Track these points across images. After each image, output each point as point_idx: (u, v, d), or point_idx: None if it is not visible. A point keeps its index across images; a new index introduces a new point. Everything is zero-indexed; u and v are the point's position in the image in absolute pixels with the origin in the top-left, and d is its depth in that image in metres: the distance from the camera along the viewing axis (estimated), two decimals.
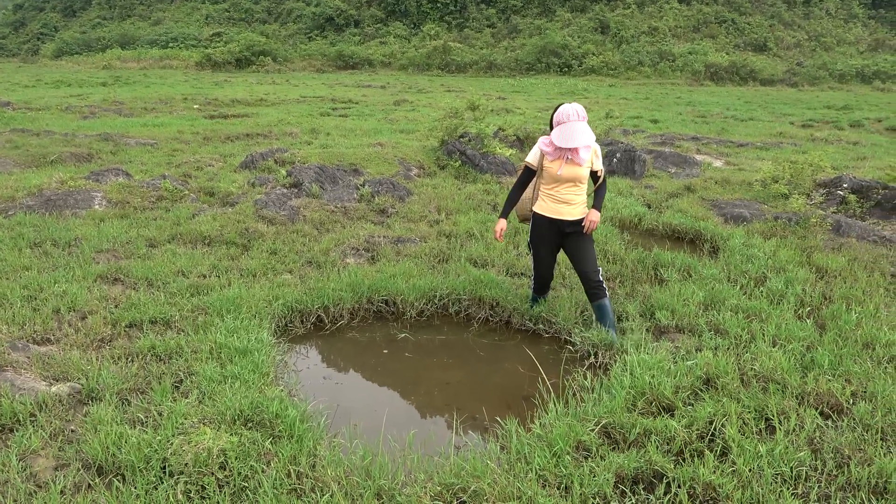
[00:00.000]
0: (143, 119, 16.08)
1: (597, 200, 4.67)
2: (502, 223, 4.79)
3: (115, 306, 4.78)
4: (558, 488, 2.89)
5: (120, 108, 18.23)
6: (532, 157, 4.66)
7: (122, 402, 3.52)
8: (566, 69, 41.27)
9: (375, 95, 25.40)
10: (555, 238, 4.70)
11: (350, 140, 12.74)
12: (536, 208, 4.71)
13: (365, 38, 48.81)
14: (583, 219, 4.59)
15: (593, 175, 4.64)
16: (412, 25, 49.54)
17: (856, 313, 4.76)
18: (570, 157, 4.43)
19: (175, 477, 2.86)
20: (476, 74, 41.76)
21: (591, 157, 4.53)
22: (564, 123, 4.34)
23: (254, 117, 16.97)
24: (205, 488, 2.83)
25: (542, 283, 4.96)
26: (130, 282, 5.30)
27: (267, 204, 7.43)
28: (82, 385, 3.65)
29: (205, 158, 10.52)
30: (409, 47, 46.19)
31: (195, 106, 19.60)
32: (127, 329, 4.45)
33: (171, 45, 49.83)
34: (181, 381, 3.77)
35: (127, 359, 4.02)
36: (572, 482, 2.87)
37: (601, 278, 4.55)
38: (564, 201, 4.57)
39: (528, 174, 4.73)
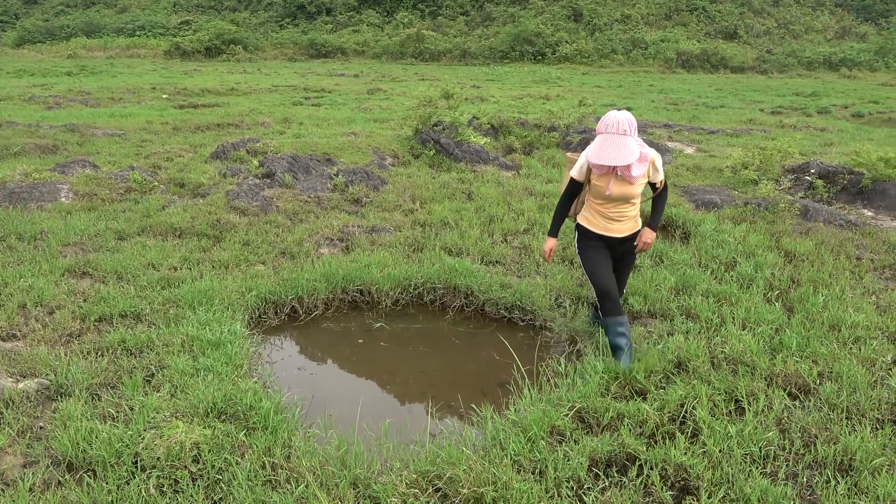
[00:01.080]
0: (111, 109, 15.73)
1: (653, 216, 4.06)
2: (552, 242, 4.17)
3: (84, 300, 4.70)
4: (533, 473, 2.92)
5: (86, 99, 17.80)
6: (577, 171, 3.99)
7: (92, 398, 3.47)
8: (540, 57, 41.26)
9: (349, 84, 25.17)
10: (605, 245, 4.07)
11: (323, 129, 12.62)
12: (581, 220, 4.12)
13: (337, 26, 48.24)
14: (633, 235, 4.06)
15: (651, 184, 4.02)
16: (385, 13, 49.07)
17: (822, 296, 4.87)
18: (621, 173, 3.79)
19: (147, 471, 2.83)
20: (450, 63, 41.56)
21: (649, 171, 3.86)
22: (602, 135, 3.66)
23: (225, 107, 16.70)
24: (178, 482, 2.80)
25: (605, 293, 3.91)
26: (99, 275, 5.20)
27: (239, 195, 7.34)
28: (50, 381, 3.59)
29: (174, 149, 10.35)
30: (382, 35, 45.76)
31: (164, 95, 19.22)
32: (96, 323, 4.38)
33: (138, 33, 48.69)
34: (152, 374, 3.72)
35: (96, 353, 3.95)
36: (547, 467, 2.90)
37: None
38: (613, 219, 3.97)
39: (575, 186, 4.08)
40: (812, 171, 8.61)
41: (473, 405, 3.58)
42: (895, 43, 40.41)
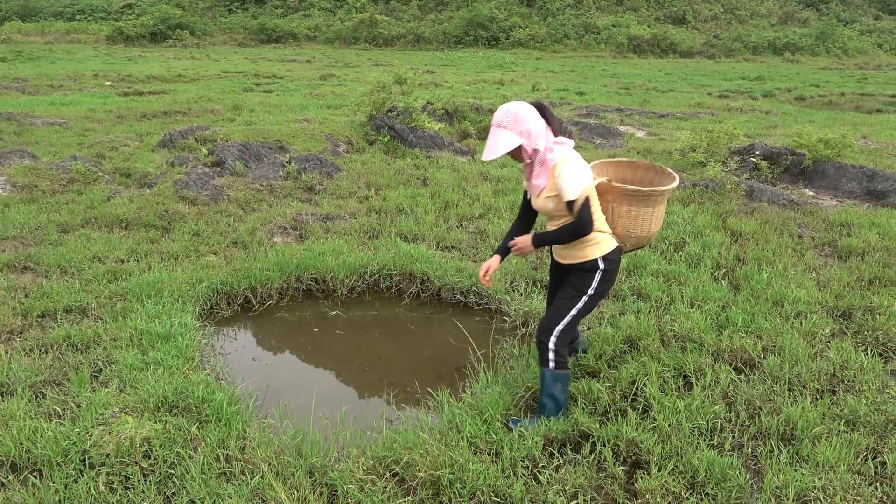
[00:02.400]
0: (50, 97, 15.10)
1: (544, 232, 3.20)
2: (492, 262, 3.34)
3: (25, 296, 4.53)
4: (489, 454, 2.95)
5: (23, 86, 17.03)
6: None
7: (37, 396, 3.36)
8: (494, 42, 41.24)
9: (301, 70, 24.72)
10: (558, 275, 3.46)
11: (275, 116, 12.38)
12: None
13: (288, 10, 47.18)
14: (577, 266, 3.23)
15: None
16: None
17: (767, 273, 5.04)
18: (529, 179, 3.22)
19: (96, 469, 2.77)
20: (404, 48, 41.19)
21: (553, 183, 3.06)
22: None
23: (172, 94, 16.21)
24: (128, 478, 2.74)
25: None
26: (41, 270, 5.02)
27: (188, 184, 7.16)
28: None
29: (119, 138, 10.02)
30: (334, 20, 44.98)
31: (107, 83, 18.54)
32: (39, 319, 4.23)
33: (77, 17, 46.69)
34: (100, 370, 3.62)
35: (40, 350, 3.83)
36: (502, 447, 2.94)
37: (546, 340, 3.16)
38: None
39: (524, 197, 3.44)
40: (757, 152, 8.86)
41: (430, 390, 3.60)
42: (834, 28, 41.81)
